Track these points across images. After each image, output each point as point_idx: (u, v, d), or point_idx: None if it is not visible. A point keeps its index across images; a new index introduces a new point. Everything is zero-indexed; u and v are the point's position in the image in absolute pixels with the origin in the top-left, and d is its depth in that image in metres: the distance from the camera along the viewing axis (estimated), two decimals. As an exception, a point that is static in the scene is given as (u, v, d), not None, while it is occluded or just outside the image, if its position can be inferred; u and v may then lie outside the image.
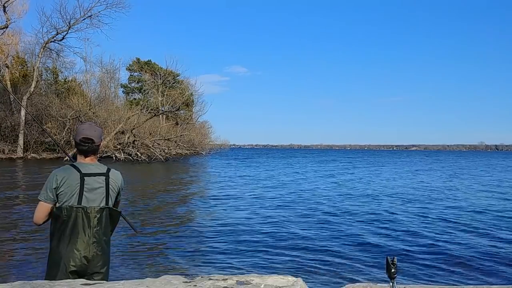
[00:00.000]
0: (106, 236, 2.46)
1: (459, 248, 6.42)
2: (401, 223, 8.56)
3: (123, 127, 34.41)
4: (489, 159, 60.33)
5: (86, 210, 2.36)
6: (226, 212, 9.83)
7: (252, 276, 1.79)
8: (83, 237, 2.32)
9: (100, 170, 2.50)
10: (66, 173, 2.41)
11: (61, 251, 2.31)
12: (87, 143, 2.48)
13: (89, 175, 2.42)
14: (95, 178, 2.45)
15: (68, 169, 2.43)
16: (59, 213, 2.34)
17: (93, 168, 2.48)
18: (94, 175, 2.45)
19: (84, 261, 2.31)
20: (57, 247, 2.33)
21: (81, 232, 2.33)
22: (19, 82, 34.96)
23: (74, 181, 2.38)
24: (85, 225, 2.34)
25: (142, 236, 6.99)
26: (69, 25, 32.19)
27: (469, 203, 11.71)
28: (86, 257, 2.32)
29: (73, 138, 2.65)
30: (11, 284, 1.77)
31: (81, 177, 2.40)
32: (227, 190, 14.54)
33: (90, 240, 2.33)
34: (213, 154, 52.40)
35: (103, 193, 2.46)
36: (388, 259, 1.54)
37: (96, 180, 2.45)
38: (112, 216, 2.50)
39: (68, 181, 2.37)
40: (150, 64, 51.86)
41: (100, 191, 2.45)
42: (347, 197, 12.89)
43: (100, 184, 2.46)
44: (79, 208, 2.35)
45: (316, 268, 5.28)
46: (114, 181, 2.54)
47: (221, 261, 5.60)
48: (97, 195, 2.43)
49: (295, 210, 10.20)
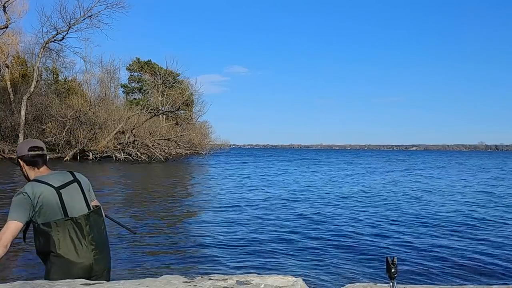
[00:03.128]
0: (102, 238, 2.42)
1: (459, 248, 6.41)
2: (401, 223, 8.56)
3: (123, 127, 34.40)
4: (490, 159, 60.33)
5: (76, 221, 2.28)
6: (225, 212, 9.82)
7: (252, 276, 1.79)
8: (81, 247, 2.26)
9: (68, 178, 2.41)
10: (38, 189, 2.26)
11: (60, 266, 2.23)
12: (38, 151, 2.40)
13: (62, 187, 2.33)
14: (68, 188, 2.36)
15: (38, 186, 2.28)
16: (49, 229, 2.22)
17: (59, 178, 2.38)
18: (66, 185, 2.36)
19: (86, 269, 2.27)
20: (55, 262, 2.24)
21: (77, 243, 2.26)
22: (19, 82, 34.96)
23: (51, 197, 2.27)
24: (79, 236, 2.27)
25: (142, 236, 6.99)
26: (69, 25, 32.21)
27: (470, 203, 11.70)
28: (88, 266, 2.28)
29: (17, 156, 2.43)
30: (11, 284, 1.77)
31: (57, 191, 2.29)
32: (227, 190, 14.54)
33: (88, 248, 2.28)
34: (213, 154, 52.38)
35: (82, 199, 2.40)
36: (388, 259, 1.54)
37: (70, 189, 2.37)
38: (98, 215, 2.46)
39: (45, 198, 2.25)
40: (150, 64, 51.88)
41: (78, 198, 2.38)
42: (346, 197, 12.89)
43: (75, 191, 2.39)
44: (68, 220, 2.26)
45: (316, 268, 5.28)
46: (85, 183, 2.49)
47: (221, 261, 5.59)
48: (77, 203, 2.36)
49: (295, 210, 10.19)
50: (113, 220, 2.82)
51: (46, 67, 40.12)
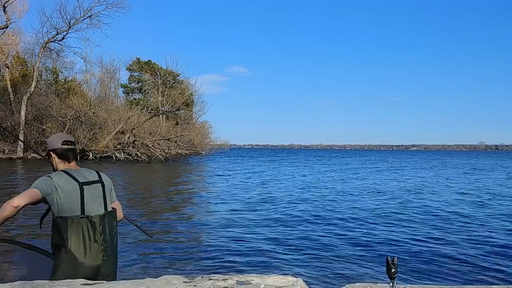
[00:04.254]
0: (113, 241, 2.44)
1: (459, 248, 6.41)
2: (401, 223, 8.56)
3: (123, 127, 34.42)
4: (487, 159, 60.31)
5: (91, 219, 2.31)
6: (226, 212, 9.82)
7: (252, 276, 1.79)
8: (91, 247, 2.28)
9: (94, 177, 2.46)
10: (63, 179, 2.32)
11: (68, 262, 2.26)
12: (71, 145, 2.46)
13: (86, 184, 2.38)
14: (91, 186, 2.41)
15: (64, 176, 2.34)
16: (64, 224, 2.27)
17: (86, 175, 2.44)
18: (90, 183, 2.41)
19: (94, 270, 2.28)
20: (64, 258, 2.27)
21: (88, 242, 2.28)
22: (19, 82, 34.96)
23: (73, 190, 2.32)
24: (91, 235, 2.30)
25: (142, 236, 6.98)
26: (69, 25, 32.22)
27: (470, 203, 11.71)
28: (96, 266, 2.29)
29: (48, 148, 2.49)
30: (11, 284, 1.77)
31: (80, 187, 2.34)
32: (226, 190, 14.54)
33: (98, 249, 2.30)
34: (213, 154, 52.39)
35: (102, 199, 2.44)
36: (388, 259, 1.54)
37: (93, 187, 2.41)
38: (113, 217, 2.49)
39: (67, 189, 2.30)
40: (150, 64, 51.88)
41: (99, 199, 2.42)
42: (346, 197, 12.88)
43: (97, 191, 2.43)
44: (84, 218, 2.30)
45: (316, 268, 5.28)
46: (107, 185, 2.53)
47: (221, 261, 5.59)
48: (96, 203, 2.40)
49: (295, 210, 10.19)
50: (132, 223, 2.82)
51: (46, 67, 40.14)
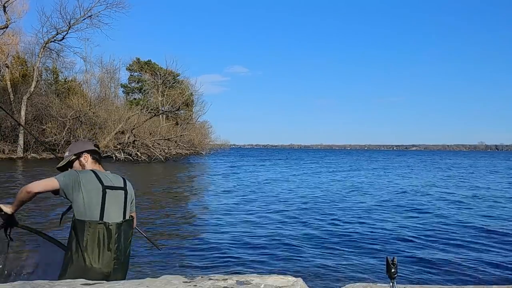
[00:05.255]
0: (126, 250, 2.41)
1: (460, 248, 6.42)
2: (401, 223, 8.56)
3: (123, 127, 34.42)
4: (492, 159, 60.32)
5: (108, 226, 2.28)
6: (226, 212, 9.82)
7: (252, 276, 1.79)
8: (105, 253, 2.26)
9: (119, 183, 2.45)
10: (89, 177, 2.32)
11: (79, 265, 2.24)
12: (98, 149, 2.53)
13: (110, 188, 2.36)
14: (115, 191, 2.38)
15: (90, 175, 2.34)
16: (81, 227, 2.25)
17: (112, 179, 2.43)
18: (114, 188, 2.39)
19: (103, 276, 2.25)
20: (76, 260, 2.25)
21: (102, 248, 2.26)
22: (19, 82, 34.94)
23: (96, 192, 2.30)
24: (105, 242, 2.26)
25: (142, 236, 6.98)
26: (69, 25, 32.22)
27: (470, 203, 11.71)
28: (106, 273, 2.27)
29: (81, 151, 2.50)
30: (11, 284, 1.77)
31: (103, 189, 2.32)
32: (226, 190, 14.54)
33: (111, 257, 2.27)
34: (213, 154, 52.39)
35: (122, 207, 2.41)
36: (388, 259, 1.54)
37: (116, 193, 2.39)
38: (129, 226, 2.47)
39: (90, 189, 2.29)
40: (150, 64, 51.87)
41: (119, 205, 2.40)
42: (345, 197, 12.89)
43: (119, 198, 2.41)
44: (101, 224, 2.27)
45: (316, 268, 5.28)
46: (130, 194, 2.51)
47: (221, 261, 5.60)
48: (117, 208, 2.37)
49: (295, 210, 10.19)
50: (141, 233, 2.82)
51: (46, 67, 40.12)
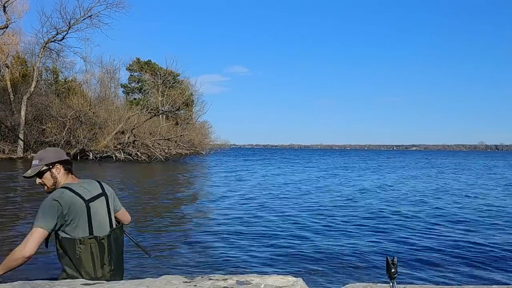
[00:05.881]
0: (120, 257, 2.39)
1: (460, 248, 6.41)
2: (401, 223, 8.55)
3: (123, 127, 34.41)
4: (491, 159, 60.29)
5: (100, 240, 2.24)
6: (225, 212, 9.82)
7: (252, 276, 1.79)
8: (99, 266, 2.23)
9: (97, 190, 2.38)
10: (70, 199, 2.22)
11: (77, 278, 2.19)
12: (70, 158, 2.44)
13: (92, 200, 2.30)
14: (96, 201, 2.33)
15: (71, 195, 2.23)
16: (71, 245, 2.19)
17: (89, 188, 2.34)
18: (95, 198, 2.33)
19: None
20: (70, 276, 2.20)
21: (97, 262, 2.22)
22: (19, 82, 34.96)
23: (80, 210, 2.22)
24: (99, 256, 2.23)
25: (142, 236, 6.99)
26: (69, 25, 32.19)
27: (470, 203, 11.70)
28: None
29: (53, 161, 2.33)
30: (11, 284, 1.78)
31: (86, 205, 2.25)
32: (226, 190, 14.53)
33: (105, 269, 2.25)
34: (213, 154, 52.39)
35: (107, 214, 2.37)
36: (388, 259, 1.54)
37: (98, 203, 2.34)
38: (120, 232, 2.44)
39: (75, 210, 2.21)
40: (150, 64, 51.88)
41: (104, 213, 2.36)
42: (345, 197, 12.89)
43: (102, 206, 2.36)
44: (92, 238, 2.22)
45: (316, 268, 5.28)
46: (111, 196, 2.46)
47: (221, 261, 5.59)
48: (102, 218, 2.33)
49: (295, 210, 10.19)
50: (130, 238, 2.82)
51: (46, 67, 40.16)
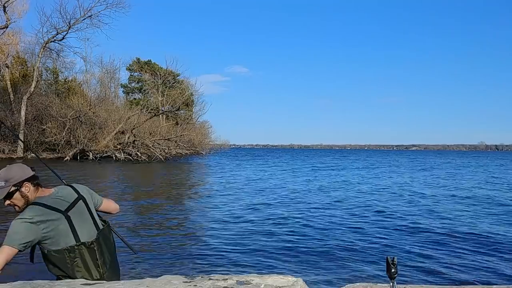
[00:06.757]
0: (112, 257, 2.36)
1: (460, 248, 6.41)
2: (401, 223, 8.55)
3: (123, 127, 34.43)
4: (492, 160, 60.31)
5: (89, 245, 2.18)
6: (225, 212, 9.82)
7: (252, 276, 1.79)
8: (93, 270, 2.19)
9: (72, 196, 2.28)
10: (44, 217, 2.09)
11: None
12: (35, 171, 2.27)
13: (69, 209, 2.20)
14: (75, 208, 2.23)
15: (45, 212, 2.11)
16: (60, 257, 2.12)
17: (63, 196, 2.25)
18: (72, 205, 2.23)
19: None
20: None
21: (91, 266, 2.18)
22: (19, 82, 34.99)
23: (60, 223, 2.13)
24: (91, 260, 2.18)
25: (142, 236, 6.99)
26: (69, 25, 32.24)
27: (471, 203, 11.71)
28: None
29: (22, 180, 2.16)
30: (11, 284, 1.77)
31: (65, 216, 2.16)
32: (226, 190, 14.54)
33: (100, 272, 2.21)
34: (213, 154, 52.41)
35: (89, 216, 2.31)
36: (388, 259, 1.54)
37: (77, 209, 2.24)
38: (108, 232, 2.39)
39: (54, 226, 2.11)
40: (150, 64, 51.88)
41: (86, 217, 2.28)
42: (345, 197, 12.89)
43: (82, 211, 2.27)
44: (81, 245, 2.16)
45: (316, 268, 5.28)
46: (87, 196, 2.36)
47: (221, 261, 5.60)
48: (86, 222, 2.26)
49: (294, 210, 10.19)
50: (117, 234, 2.82)
51: (46, 67, 40.17)
